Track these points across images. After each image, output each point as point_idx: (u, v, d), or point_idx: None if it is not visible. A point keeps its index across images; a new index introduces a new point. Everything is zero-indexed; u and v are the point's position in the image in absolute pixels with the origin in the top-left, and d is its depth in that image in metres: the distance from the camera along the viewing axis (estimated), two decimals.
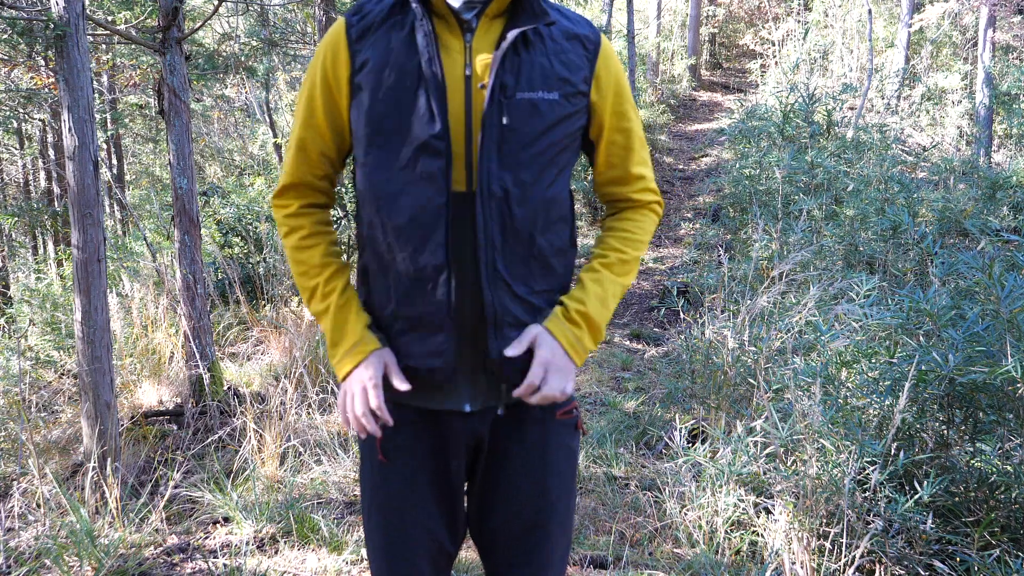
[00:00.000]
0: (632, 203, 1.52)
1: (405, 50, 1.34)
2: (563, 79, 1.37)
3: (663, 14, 18.09)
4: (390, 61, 1.34)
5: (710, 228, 8.53)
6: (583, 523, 3.12)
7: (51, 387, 4.82)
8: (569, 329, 1.40)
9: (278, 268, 6.20)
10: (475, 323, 1.38)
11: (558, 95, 1.36)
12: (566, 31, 1.41)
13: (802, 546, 2.47)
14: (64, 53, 3.25)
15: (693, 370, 4.00)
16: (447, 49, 1.35)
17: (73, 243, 3.38)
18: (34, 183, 12.31)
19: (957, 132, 11.68)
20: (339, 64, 1.38)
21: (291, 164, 1.47)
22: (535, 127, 1.34)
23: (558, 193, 1.40)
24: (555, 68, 1.37)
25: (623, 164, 1.49)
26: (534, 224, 1.37)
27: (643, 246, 1.50)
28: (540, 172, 1.36)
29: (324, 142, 1.44)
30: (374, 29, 1.37)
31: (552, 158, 1.37)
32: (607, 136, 1.46)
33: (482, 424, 1.44)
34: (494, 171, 1.32)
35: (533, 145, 1.35)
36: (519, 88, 1.33)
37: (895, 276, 4.88)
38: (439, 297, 1.34)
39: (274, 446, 3.57)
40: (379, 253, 1.38)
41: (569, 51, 1.39)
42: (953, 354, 2.41)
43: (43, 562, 2.75)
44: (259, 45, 8.64)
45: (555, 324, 1.40)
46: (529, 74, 1.34)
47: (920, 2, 13.87)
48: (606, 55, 1.43)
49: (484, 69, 1.34)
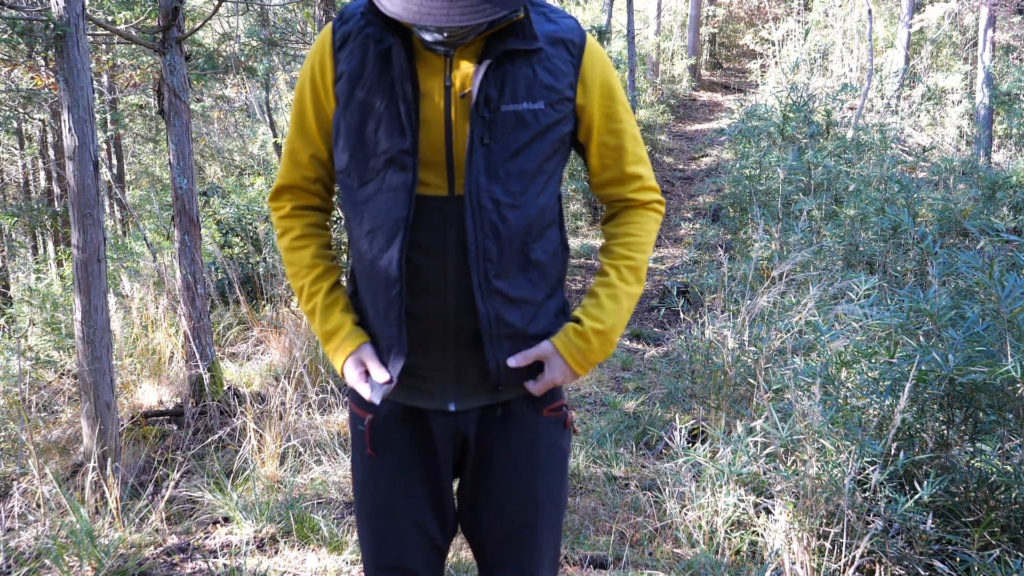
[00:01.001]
0: (631, 203, 1.50)
1: (380, 63, 1.33)
2: (548, 87, 1.35)
3: (663, 14, 18.09)
4: (363, 75, 1.34)
5: (710, 228, 8.53)
6: (583, 523, 3.12)
7: (51, 387, 4.82)
8: (577, 349, 1.41)
9: (278, 268, 6.20)
10: (464, 329, 1.38)
11: (543, 104, 1.34)
12: (550, 36, 1.37)
13: (802, 546, 2.47)
14: (64, 53, 3.25)
15: (693, 370, 4.00)
16: (426, 59, 1.33)
17: (73, 243, 3.38)
18: (34, 183, 12.31)
19: (957, 132, 11.68)
20: (325, 71, 1.39)
21: (284, 166, 1.49)
22: (521, 139, 1.34)
23: (548, 199, 1.40)
24: (539, 76, 1.35)
25: (617, 165, 1.47)
26: (528, 233, 1.37)
27: (649, 247, 1.49)
28: (530, 182, 1.36)
29: (315, 146, 1.45)
30: (352, 38, 1.36)
31: (540, 166, 1.37)
32: (597, 138, 1.44)
33: (468, 422, 1.45)
34: (483, 184, 1.32)
35: (521, 156, 1.34)
36: (503, 100, 1.32)
37: (895, 276, 4.88)
38: (399, 303, 1.37)
39: (274, 446, 3.57)
40: (359, 254, 1.41)
41: (553, 56, 1.36)
42: (953, 354, 2.41)
43: (43, 562, 2.75)
44: (259, 45, 8.64)
45: (565, 345, 1.41)
46: (513, 85, 1.33)
47: (920, 2, 13.87)
48: (591, 56, 1.40)
49: (465, 79, 1.33)
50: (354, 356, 1.42)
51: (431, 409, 1.44)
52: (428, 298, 1.36)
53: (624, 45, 13.39)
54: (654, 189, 1.52)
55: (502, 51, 1.31)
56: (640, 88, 14.50)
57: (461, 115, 1.33)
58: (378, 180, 1.34)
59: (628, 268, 1.46)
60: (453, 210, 1.34)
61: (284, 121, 13.12)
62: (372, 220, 1.36)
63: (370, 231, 1.36)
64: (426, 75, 1.33)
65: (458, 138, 1.33)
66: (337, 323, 1.44)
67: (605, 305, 1.42)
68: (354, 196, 1.38)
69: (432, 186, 1.34)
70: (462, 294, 1.35)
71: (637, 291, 1.47)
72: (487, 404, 1.44)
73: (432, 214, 1.34)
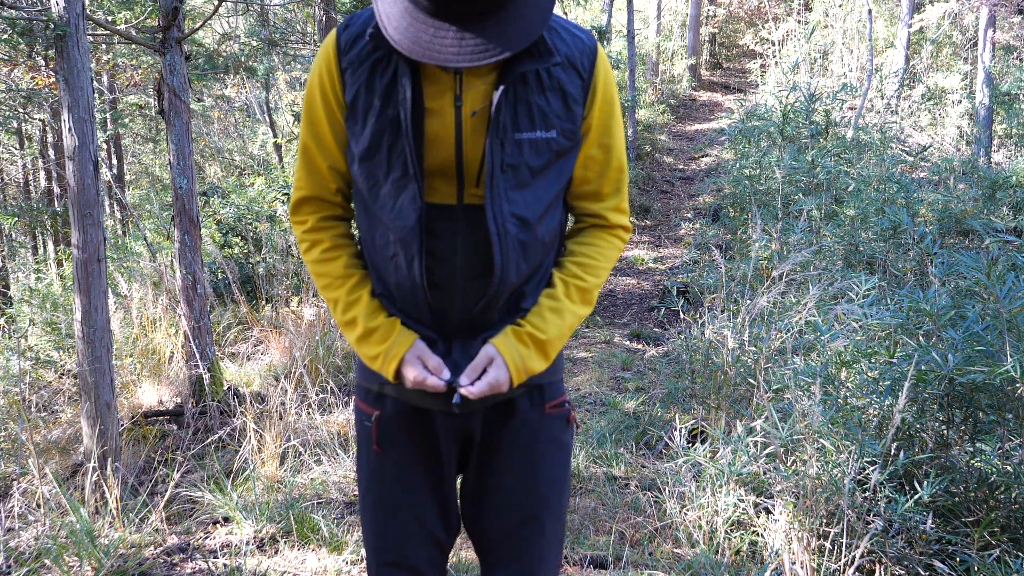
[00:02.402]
0: (600, 222, 1.49)
1: (388, 87, 1.32)
2: (561, 116, 1.35)
3: (663, 14, 18.09)
4: (371, 97, 1.33)
5: (710, 228, 8.53)
6: (583, 523, 3.12)
7: (51, 387, 4.82)
8: (519, 353, 1.39)
9: (277, 268, 6.21)
10: (465, 331, 1.40)
11: (555, 133, 1.34)
12: (565, 57, 1.36)
13: (802, 546, 2.47)
14: (64, 53, 3.25)
15: (693, 370, 4.00)
16: (435, 78, 1.32)
17: (73, 243, 3.38)
18: (34, 183, 12.31)
19: (957, 132, 11.69)
20: (335, 83, 1.37)
21: (301, 177, 1.46)
22: (537, 165, 1.34)
23: (561, 214, 1.46)
24: (553, 106, 1.34)
25: (599, 179, 1.46)
26: (546, 252, 1.42)
27: (604, 274, 1.48)
28: (547, 206, 1.38)
29: (332, 157, 1.42)
30: (361, 61, 1.34)
31: (557, 192, 1.40)
32: (586, 149, 1.42)
33: (472, 420, 1.46)
34: (505, 210, 1.33)
35: (537, 182, 1.36)
36: (518, 129, 1.32)
37: (895, 276, 4.88)
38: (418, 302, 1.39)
39: (274, 446, 3.57)
40: (370, 255, 1.43)
41: (567, 83, 1.35)
42: (953, 354, 2.41)
43: (43, 562, 2.75)
44: (259, 45, 8.63)
45: (506, 347, 1.38)
46: (528, 114, 1.32)
47: (920, 2, 13.87)
48: (599, 74, 1.39)
49: (476, 96, 1.32)
50: (410, 352, 1.38)
51: (437, 408, 1.44)
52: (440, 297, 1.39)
53: (624, 45, 13.39)
54: (625, 213, 1.50)
55: (518, 73, 1.30)
56: (640, 88, 14.50)
57: (473, 131, 1.33)
58: (389, 194, 1.35)
59: (577, 288, 1.44)
60: (462, 217, 1.36)
61: (284, 121, 13.12)
62: (388, 228, 1.37)
63: (385, 241, 1.38)
64: (435, 93, 1.32)
65: (469, 153, 1.33)
66: (387, 327, 1.40)
67: (548, 317, 1.41)
68: (370, 207, 1.39)
69: (445, 195, 1.35)
70: (469, 297, 1.37)
71: (583, 312, 1.44)
72: (492, 402, 1.45)
73: (443, 221, 1.36)
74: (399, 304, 1.41)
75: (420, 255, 1.34)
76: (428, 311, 1.38)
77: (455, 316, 1.39)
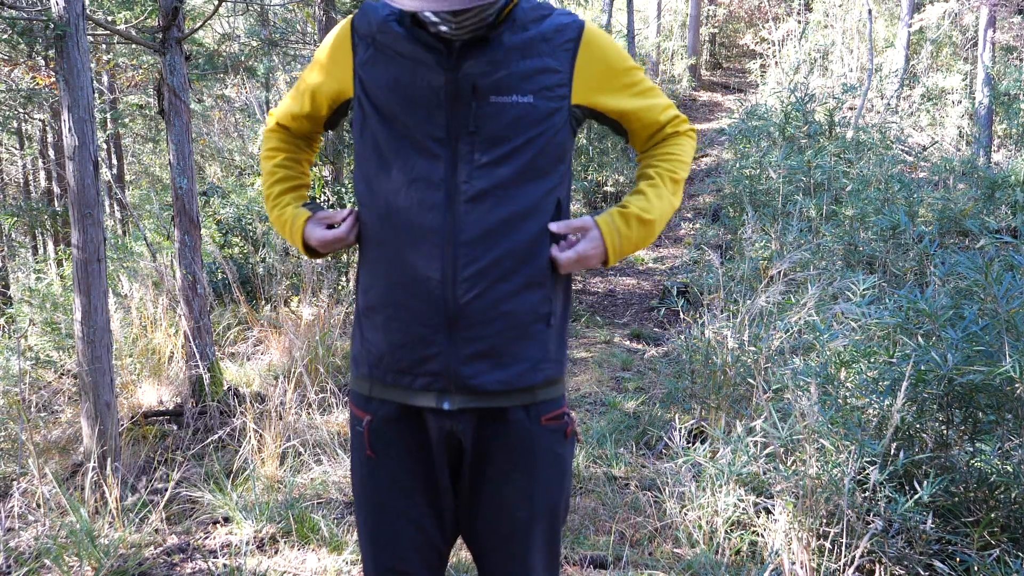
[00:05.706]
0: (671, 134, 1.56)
1: (397, 70, 1.41)
2: (539, 80, 1.39)
3: (663, 14, 18.09)
4: (386, 82, 1.42)
5: (710, 228, 8.53)
6: (583, 523, 3.12)
7: (51, 387, 4.82)
8: (618, 231, 1.45)
9: (277, 268, 6.21)
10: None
11: (532, 98, 1.38)
12: (543, 30, 1.41)
13: (802, 546, 2.47)
14: (64, 53, 3.25)
15: (693, 370, 4.00)
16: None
17: (73, 243, 3.38)
18: (34, 183, 12.31)
19: (957, 132, 11.68)
20: (347, 63, 1.48)
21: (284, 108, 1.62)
22: (512, 130, 1.37)
23: (543, 191, 1.41)
24: (532, 69, 1.39)
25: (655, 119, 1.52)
26: (522, 220, 1.39)
27: (687, 168, 1.55)
28: (520, 174, 1.38)
29: (317, 111, 1.57)
30: (373, 48, 1.44)
31: (532, 159, 1.39)
32: (633, 115, 1.49)
33: (464, 425, 1.43)
34: (475, 175, 1.36)
35: (508, 146, 1.37)
36: (496, 92, 1.37)
37: (895, 276, 4.88)
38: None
39: (274, 446, 3.57)
40: (368, 238, 1.48)
41: (546, 53, 1.40)
42: (952, 354, 2.41)
43: (43, 562, 2.75)
44: (259, 45, 8.64)
45: (607, 224, 1.45)
46: (507, 77, 1.37)
47: (920, 2, 13.87)
48: (588, 45, 1.43)
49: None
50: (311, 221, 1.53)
51: (426, 408, 1.43)
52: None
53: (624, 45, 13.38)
54: (685, 120, 1.58)
55: (498, 44, 1.37)
56: None
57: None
58: (402, 178, 1.42)
59: (671, 179, 1.51)
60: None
61: None
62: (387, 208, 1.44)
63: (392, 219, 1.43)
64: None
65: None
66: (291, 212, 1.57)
67: (652, 200, 1.48)
68: (369, 187, 1.46)
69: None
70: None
71: (676, 202, 1.52)
72: (483, 407, 1.43)
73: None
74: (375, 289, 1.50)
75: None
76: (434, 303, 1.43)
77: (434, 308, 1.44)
